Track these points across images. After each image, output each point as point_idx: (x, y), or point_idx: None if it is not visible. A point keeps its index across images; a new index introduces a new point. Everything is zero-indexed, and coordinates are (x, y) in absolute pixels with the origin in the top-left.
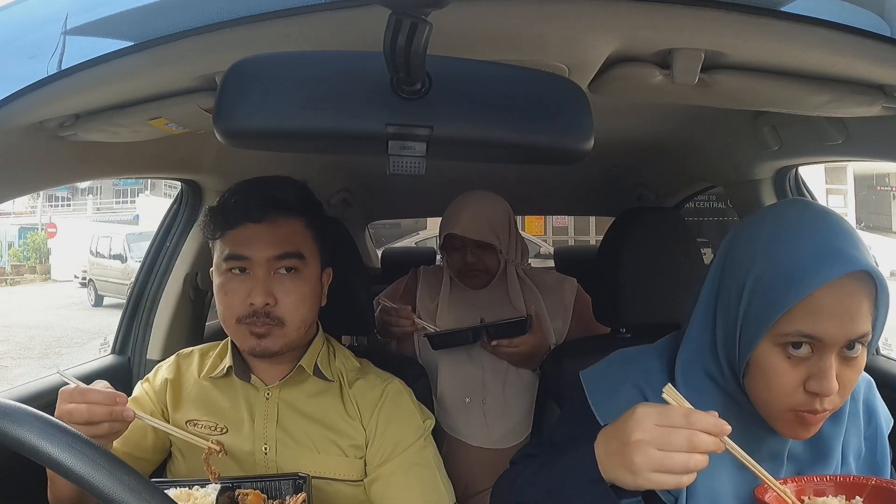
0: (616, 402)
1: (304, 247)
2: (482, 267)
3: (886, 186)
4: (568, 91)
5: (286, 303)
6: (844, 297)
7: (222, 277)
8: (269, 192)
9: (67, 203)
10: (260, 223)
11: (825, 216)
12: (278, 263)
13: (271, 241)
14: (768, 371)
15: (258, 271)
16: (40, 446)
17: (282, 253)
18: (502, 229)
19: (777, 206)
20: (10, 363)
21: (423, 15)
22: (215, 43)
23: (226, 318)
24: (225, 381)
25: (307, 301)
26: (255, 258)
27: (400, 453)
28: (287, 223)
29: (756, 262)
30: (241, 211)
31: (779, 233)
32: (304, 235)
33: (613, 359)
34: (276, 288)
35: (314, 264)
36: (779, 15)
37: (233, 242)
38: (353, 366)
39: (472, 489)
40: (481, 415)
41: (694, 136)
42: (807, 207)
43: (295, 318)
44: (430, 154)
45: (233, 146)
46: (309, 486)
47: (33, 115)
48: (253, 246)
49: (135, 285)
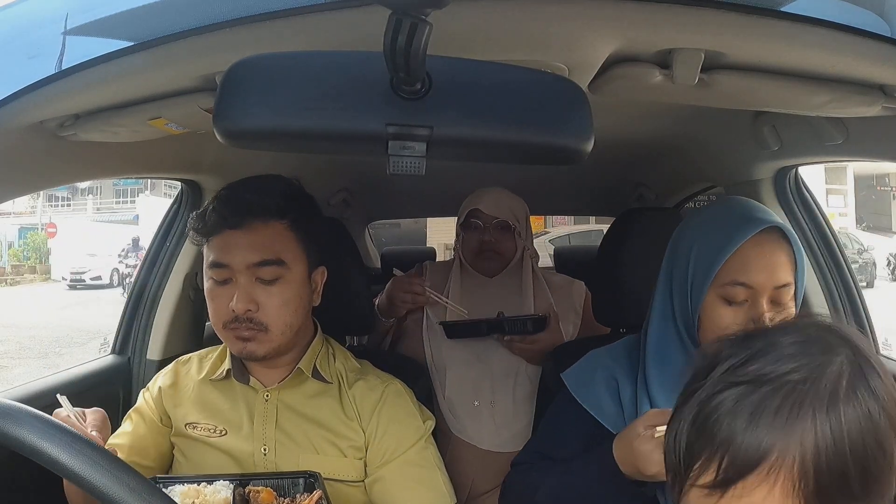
0: (592, 386)
1: (285, 251)
2: (499, 249)
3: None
4: (568, 91)
5: (268, 308)
6: (765, 251)
7: (209, 283)
8: (246, 196)
9: (67, 203)
10: (238, 229)
11: (741, 199)
12: (258, 271)
13: (250, 248)
14: (714, 317)
15: (239, 278)
16: (40, 446)
17: (260, 260)
18: (521, 217)
19: (707, 204)
20: (10, 363)
21: (423, 15)
22: (215, 43)
23: (215, 322)
24: (225, 384)
25: (291, 306)
26: (235, 265)
27: (401, 454)
28: (266, 228)
29: (695, 240)
30: (220, 217)
31: (708, 216)
32: (285, 239)
33: (587, 356)
34: (258, 294)
35: (299, 268)
36: (779, 15)
37: (215, 249)
38: (352, 367)
39: (478, 490)
40: (491, 418)
41: (694, 136)
42: (729, 198)
43: (278, 323)
44: (431, 154)
45: (233, 146)
46: (322, 483)
47: (33, 115)
48: (232, 253)
49: (135, 285)
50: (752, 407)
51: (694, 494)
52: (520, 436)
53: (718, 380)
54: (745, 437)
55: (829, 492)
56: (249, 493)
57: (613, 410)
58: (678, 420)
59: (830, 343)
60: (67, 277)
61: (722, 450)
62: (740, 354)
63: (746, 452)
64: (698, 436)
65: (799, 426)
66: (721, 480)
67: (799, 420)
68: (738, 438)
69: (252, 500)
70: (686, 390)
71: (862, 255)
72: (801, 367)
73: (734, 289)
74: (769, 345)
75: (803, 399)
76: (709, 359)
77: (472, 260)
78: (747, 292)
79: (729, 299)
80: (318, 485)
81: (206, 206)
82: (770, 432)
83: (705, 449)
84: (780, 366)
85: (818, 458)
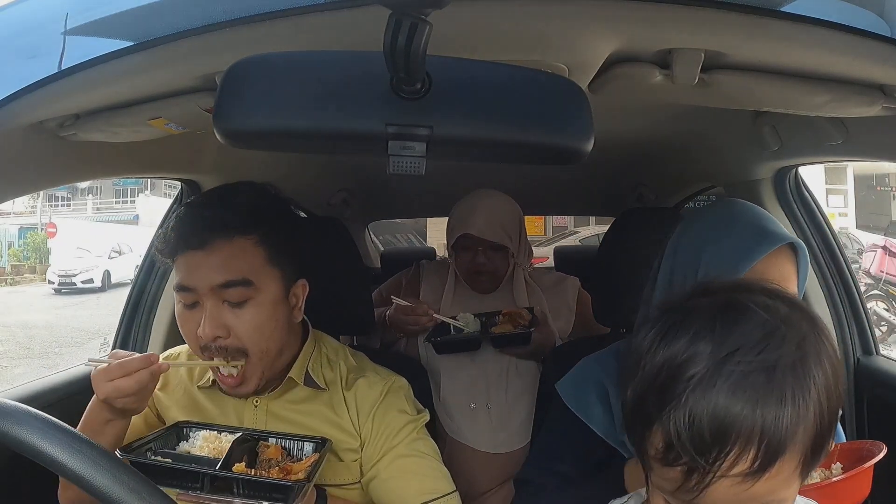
0: (584, 395)
1: (252, 271)
2: (491, 268)
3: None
4: (568, 91)
5: (241, 333)
6: (780, 263)
7: (178, 307)
8: (205, 213)
9: (67, 203)
10: (200, 249)
11: (750, 207)
12: (224, 293)
13: (214, 268)
14: None
15: (206, 301)
16: (40, 446)
17: (224, 281)
18: (514, 231)
19: (709, 207)
20: (10, 363)
21: (422, 15)
22: (215, 43)
23: (192, 348)
24: (213, 390)
25: (265, 330)
26: (200, 288)
27: (392, 448)
28: (231, 246)
29: (705, 246)
30: (182, 237)
31: (718, 223)
32: (253, 256)
33: (579, 364)
34: (227, 318)
35: (271, 287)
36: (779, 15)
37: (180, 271)
38: (351, 366)
39: (474, 491)
40: (488, 420)
41: (694, 136)
42: (734, 202)
43: (255, 348)
44: (430, 154)
45: (233, 146)
46: (326, 451)
47: (33, 115)
48: (195, 276)
49: (135, 285)
50: (779, 393)
51: (724, 484)
52: (516, 435)
53: (715, 369)
54: (776, 422)
55: (820, 447)
56: (260, 446)
57: (604, 418)
58: (680, 415)
59: (792, 315)
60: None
61: (759, 437)
62: (721, 341)
63: (780, 435)
64: (725, 428)
65: (812, 400)
66: (759, 466)
67: (811, 395)
68: (769, 423)
69: (261, 451)
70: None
71: (862, 255)
72: (789, 345)
73: None
74: (749, 328)
75: (806, 375)
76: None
77: (466, 278)
78: None
79: None
80: (321, 452)
81: (166, 224)
82: (794, 412)
83: (736, 439)
84: (775, 349)
85: (820, 422)
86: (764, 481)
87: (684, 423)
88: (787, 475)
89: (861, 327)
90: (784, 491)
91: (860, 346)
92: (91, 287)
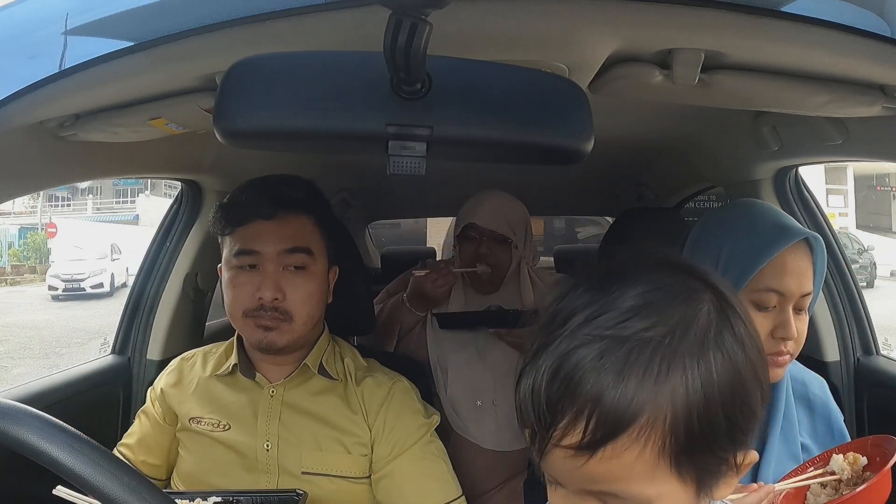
0: None
1: (312, 243)
2: (493, 261)
3: (886, 186)
4: (568, 91)
5: (294, 298)
6: (798, 258)
7: (232, 272)
8: (279, 189)
9: (67, 203)
10: (270, 220)
11: (768, 206)
12: (288, 259)
13: (281, 237)
14: None
15: (268, 266)
16: (40, 446)
17: (291, 247)
18: (519, 227)
19: (729, 205)
20: (10, 363)
21: (423, 15)
22: (215, 43)
23: (233, 311)
24: (230, 379)
25: (315, 297)
26: (266, 253)
27: (406, 449)
28: (296, 220)
29: (725, 242)
30: (252, 207)
31: (739, 219)
32: (312, 232)
33: None
34: (285, 283)
35: (322, 261)
36: (779, 15)
37: (243, 238)
38: (360, 364)
39: (479, 489)
40: (493, 417)
41: (694, 136)
42: (753, 202)
43: (302, 313)
44: (431, 154)
45: (233, 146)
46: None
47: (33, 115)
48: (263, 241)
49: (135, 285)
50: (619, 364)
51: (557, 455)
52: (521, 433)
53: (576, 331)
54: (613, 397)
55: (698, 446)
56: None
57: None
58: (535, 370)
59: (692, 289)
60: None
61: (589, 409)
62: (597, 304)
63: (616, 413)
64: (562, 392)
65: (669, 384)
66: (589, 442)
67: (669, 378)
68: (606, 398)
69: None
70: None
71: (862, 255)
72: (666, 320)
73: (767, 295)
74: (630, 295)
75: (673, 355)
76: (562, 303)
77: (466, 274)
78: (778, 298)
79: (760, 305)
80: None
81: (233, 197)
82: (639, 391)
83: (570, 407)
84: (645, 320)
85: (689, 414)
86: (598, 461)
87: (533, 381)
88: (635, 464)
89: (861, 327)
90: (638, 484)
91: (860, 346)
92: (100, 293)
